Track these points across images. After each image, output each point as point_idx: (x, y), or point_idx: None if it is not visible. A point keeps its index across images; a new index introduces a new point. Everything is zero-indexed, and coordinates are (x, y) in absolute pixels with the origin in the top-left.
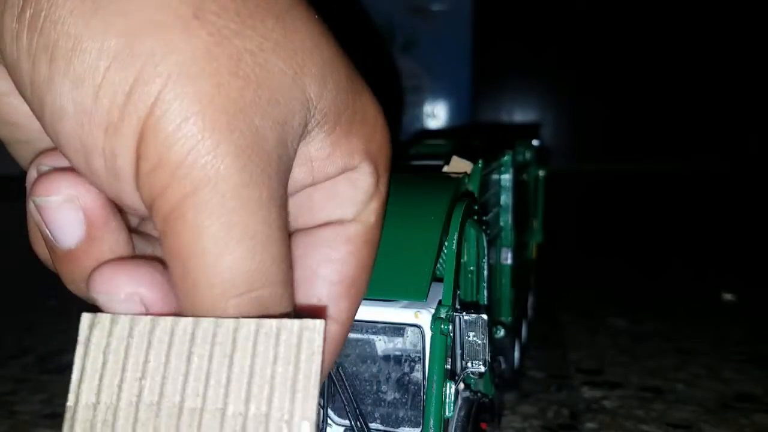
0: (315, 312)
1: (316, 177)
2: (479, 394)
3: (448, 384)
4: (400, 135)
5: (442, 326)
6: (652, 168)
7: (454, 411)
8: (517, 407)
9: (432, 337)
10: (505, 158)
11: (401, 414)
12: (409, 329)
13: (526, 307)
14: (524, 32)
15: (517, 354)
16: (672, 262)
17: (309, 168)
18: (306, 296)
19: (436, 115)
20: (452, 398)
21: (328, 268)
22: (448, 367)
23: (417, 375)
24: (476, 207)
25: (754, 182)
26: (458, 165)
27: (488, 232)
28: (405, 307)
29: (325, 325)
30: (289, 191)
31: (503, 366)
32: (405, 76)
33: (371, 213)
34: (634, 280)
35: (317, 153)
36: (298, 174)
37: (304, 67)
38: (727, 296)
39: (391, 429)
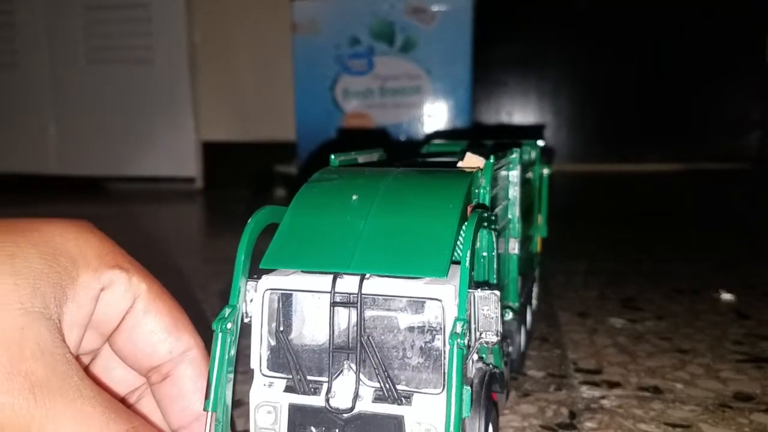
0: None
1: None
2: (491, 366)
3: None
4: (400, 136)
5: (458, 340)
6: (651, 168)
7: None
8: (517, 406)
9: (450, 351)
10: (513, 156)
11: (424, 377)
12: (431, 302)
13: (531, 297)
14: (524, 32)
15: (522, 338)
16: (671, 261)
17: None
18: None
19: (436, 115)
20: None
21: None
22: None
23: (438, 343)
24: (486, 215)
25: (752, 182)
26: (472, 161)
27: (497, 228)
28: (427, 283)
29: None
30: None
31: (511, 348)
32: (405, 76)
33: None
34: (633, 280)
35: None
36: None
37: None
38: (726, 296)
39: (414, 389)
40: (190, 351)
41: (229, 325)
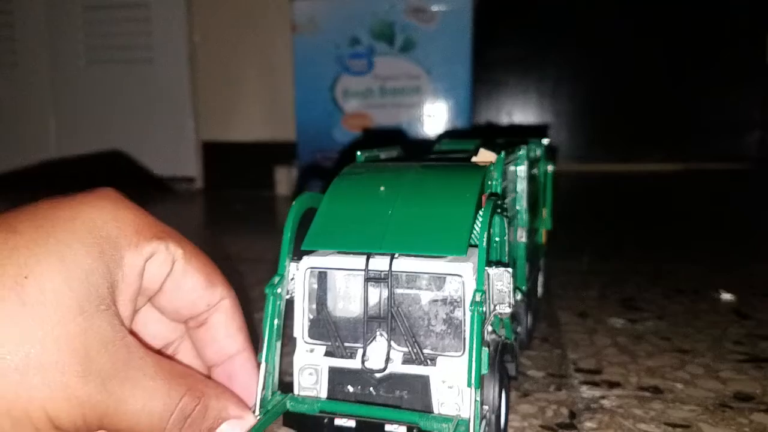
0: None
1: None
2: (503, 337)
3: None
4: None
5: (478, 308)
6: (651, 168)
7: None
8: (517, 406)
9: (471, 317)
10: (521, 152)
11: (446, 342)
12: (452, 278)
13: (537, 283)
14: (524, 32)
15: (529, 320)
16: (671, 261)
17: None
18: None
19: (436, 115)
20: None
21: None
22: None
23: (458, 314)
24: (500, 202)
25: (752, 182)
26: (485, 156)
27: (508, 215)
28: (449, 261)
29: None
30: None
31: (519, 328)
32: (405, 76)
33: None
34: (633, 280)
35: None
36: None
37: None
38: (726, 296)
39: (438, 353)
40: (223, 301)
41: (278, 290)
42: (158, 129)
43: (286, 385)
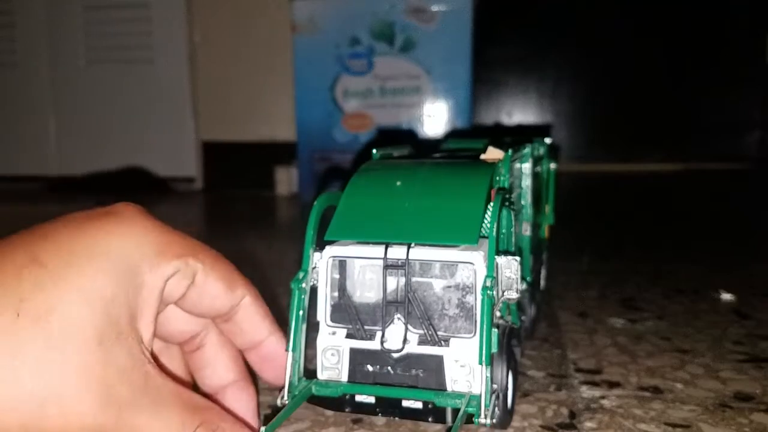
0: None
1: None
2: (510, 322)
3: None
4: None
5: (488, 292)
6: (651, 168)
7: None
8: (517, 407)
9: (482, 300)
10: (526, 150)
11: (459, 325)
12: (464, 265)
13: (539, 276)
14: (524, 32)
15: (533, 310)
16: (671, 261)
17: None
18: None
19: (436, 115)
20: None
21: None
22: (492, 292)
23: (470, 299)
24: (508, 196)
25: (752, 182)
26: (493, 153)
27: (515, 209)
28: (461, 250)
29: None
30: None
31: (524, 317)
32: (405, 76)
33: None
34: (633, 280)
35: None
36: None
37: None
38: (726, 296)
39: (452, 335)
40: (244, 298)
41: (303, 285)
42: (158, 129)
43: (311, 372)
